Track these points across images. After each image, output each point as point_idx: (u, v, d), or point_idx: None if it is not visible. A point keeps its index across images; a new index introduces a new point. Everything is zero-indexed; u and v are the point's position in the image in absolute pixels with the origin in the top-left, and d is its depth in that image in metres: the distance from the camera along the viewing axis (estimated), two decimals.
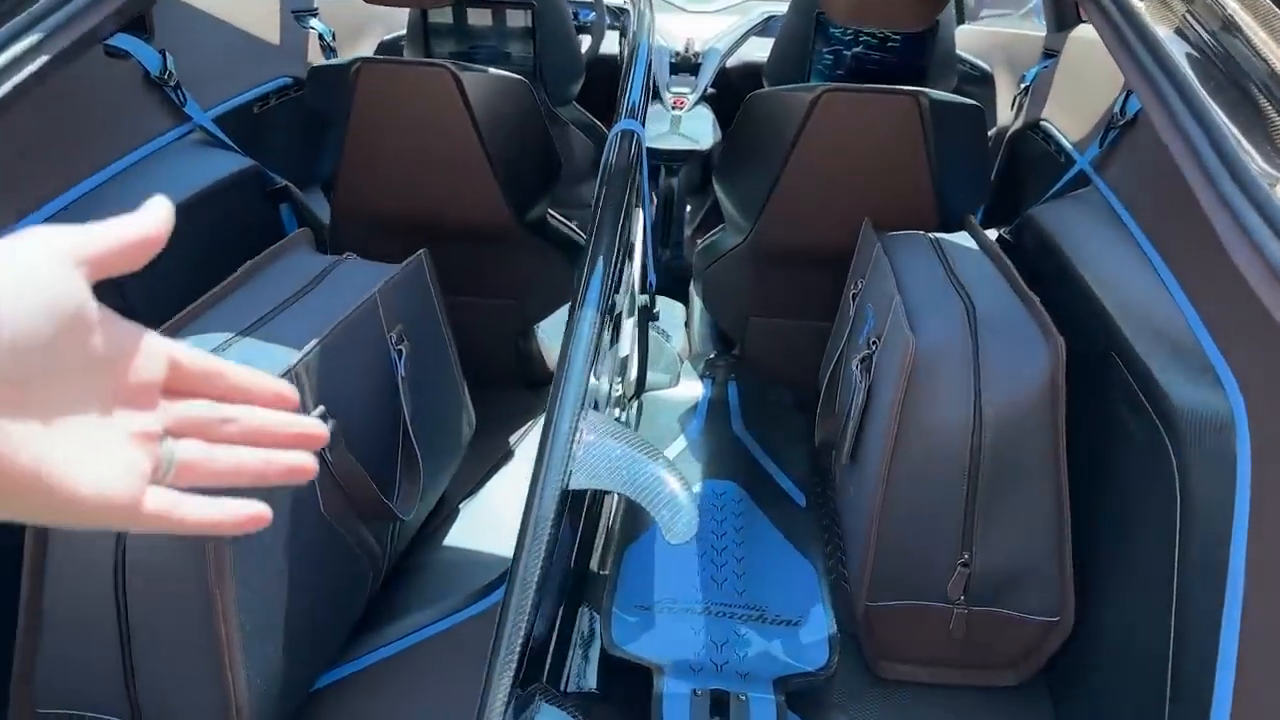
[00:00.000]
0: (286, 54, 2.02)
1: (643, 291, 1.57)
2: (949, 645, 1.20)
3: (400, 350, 1.23)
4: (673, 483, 0.94)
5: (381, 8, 2.39)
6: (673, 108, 2.54)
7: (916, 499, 1.15)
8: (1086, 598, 1.16)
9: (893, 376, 1.15)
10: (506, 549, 0.87)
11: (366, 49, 2.44)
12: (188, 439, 0.39)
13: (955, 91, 1.92)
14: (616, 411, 1.52)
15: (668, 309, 2.24)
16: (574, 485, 0.94)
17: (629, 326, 1.62)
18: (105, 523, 0.35)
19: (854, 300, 1.46)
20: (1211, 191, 0.86)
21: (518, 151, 1.67)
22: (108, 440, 0.35)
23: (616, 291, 1.21)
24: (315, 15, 2.23)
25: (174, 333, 1.07)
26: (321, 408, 1.06)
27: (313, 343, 1.06)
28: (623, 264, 1.30)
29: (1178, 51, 1.02)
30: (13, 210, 1.16)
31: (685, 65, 2.62)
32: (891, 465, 1.14)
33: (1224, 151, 0.88)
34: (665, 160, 2.50)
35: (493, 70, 1.61)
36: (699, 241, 2.02)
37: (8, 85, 1.00)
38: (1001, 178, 2.08)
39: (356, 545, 1.17)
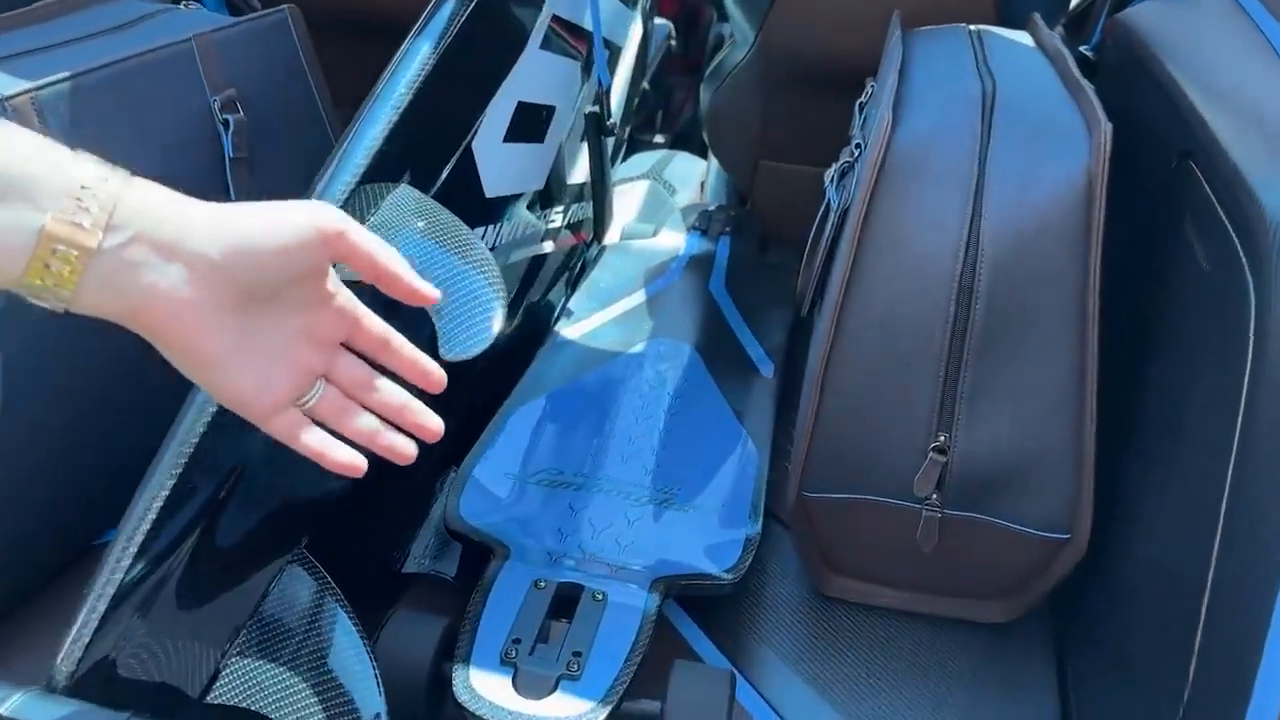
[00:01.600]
0: None
1: (595, 102, 1.25)
2: (915, 561, 0.88)
3: (227, 121, 0.95)
4: (477, 275, 0.65)
5: None
6: None
7: (878, 354, 0.81)
8: (1110, 510, 0.82)
9: (864, 182, 0.81)
10: None
11: None
12: (334, 387, 0.48)
13: None
14: (548, 246, 1.21)
15: (684, 166, 1.91)
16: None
17: (582, 148, 1.31)
18: (242, 411, 0.45)
19: (859, 112, 1.11)
20: None
21: None
22: (280, 360, 0.45)
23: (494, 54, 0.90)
24: None
25: None
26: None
27: (60, 75, 0.79)
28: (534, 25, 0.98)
29: None
30: None
31: None
32: (845, 299, 0.81)
33: None
34: None
35: None
36: (709, 65, 1.66)
37: None
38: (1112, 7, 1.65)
39: (153, 364, 0.91)
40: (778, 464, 1.04)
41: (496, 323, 0.68)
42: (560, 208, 1.25)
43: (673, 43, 2.30)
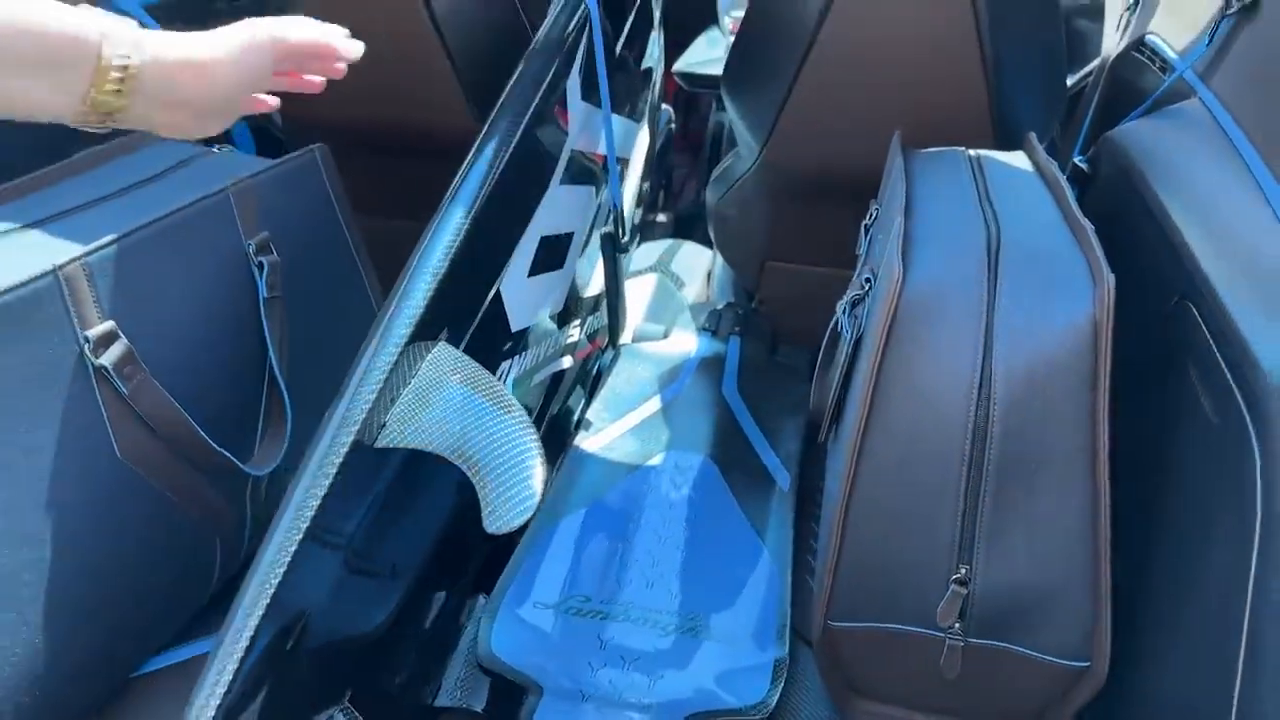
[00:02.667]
0: None
1: (619, 224, 1.30)
2: (938, 687, 0.90)
3: (262, 264, 0.99)
4: (522, 437, 0.68)
5: None
6: (731, 33, 2.24)
7: (898, 489, 0.84)
8: (1127, 639, 0.84)
9: (876, 325, 0.85)
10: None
11: None
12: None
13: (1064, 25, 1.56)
14: (567, 361, 1.25)
15: (691, 256, 1.95)
16: (383, 441, 0.69)
17: (594, 259, 1.35)
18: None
19: (866, 233, 1.15)
20: None
21: (484, 48, 1.41)
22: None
23: (519, 205, 0.94)
24: None
25: None
26: (110, 324, 0.82)
27: (106, 239, 0.83)
28: (555, 166, 1.03)
29: None
30: None
31: None
32: (864, 439, 0.84)
33: None
34: (716, 88, 2.20)
35: None
36: (714, 172, 1.72)
37: None
38: (1100, 115, 1.71)
39: (190, 506, 0.94)
40: (798, 578, 1.07)
41: (538, 482, 0.71)
42: (578, 321, 1.29)
43: (673, 126, 2.37)
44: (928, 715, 0.94)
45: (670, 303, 1.68)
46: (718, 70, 2.09)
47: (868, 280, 0.96)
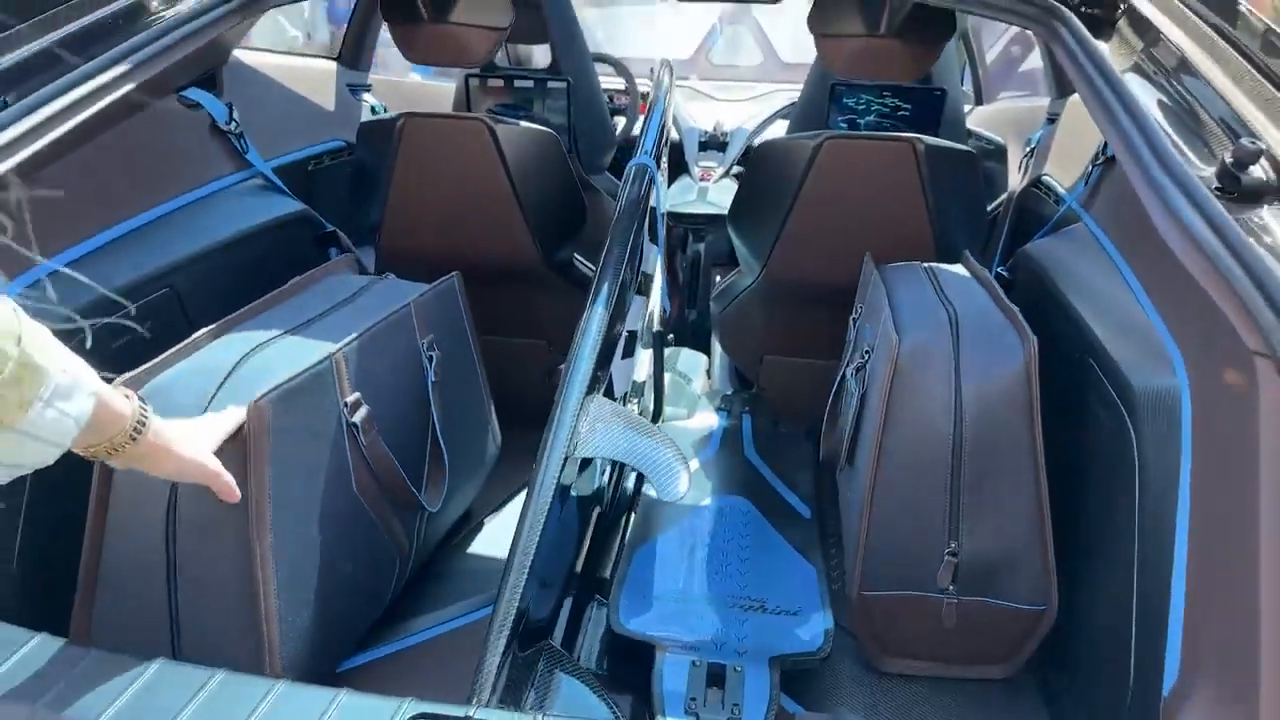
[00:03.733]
0: (340, 121, 2.22)
1: (660, 324, 1.69)
2: (941, 636, 1.26)
3: (431, 357, 1.36)
4: (667, 450, 1.04)
5: (431, 92, 2.61)
6: (700, 180, 2.70)
7: (905, 489, 1.22)
8: (1068, 585, 1.22)
9: (881, 376, 1.25)
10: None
11: None
12: None
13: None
14: None
15: (690, 359, 2.35)
16: (580, 453, 1.05)
17: (646, 354, 1.73)
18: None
19: (854, 324, 1.56)
20: (1162, 209, 0.97)
21: (546, 197, 1.82)
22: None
23: (625, 306, 1.33)
24: (368, 90, 2.45)
25: (226, 330, 1.20)
26: (357, 394, 1.18)
27: (352, 336, 1.19)
28: (634, 282, 1.42)
29: (1140, 94, 1.15)
30: (97, 224, 1.32)
31: (713, 143, 2.81)
32: (880, 456, 1.23)
33: (1161, 155, 0.99)
34: (691, 224, 2.65)
35: (524, 124, 1.78)
36: (716, 282, 2.14)
37: (90, 111, 1.16)
38: (1011, 233, 2.19)
39: (385, 531, 1.27)
40: (828, 576, 1.43)
41: (685, 481, 1.06)
42: (636, 401, 1.66)
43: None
44: (935, 663, 1.29)
45: (684, 393, 2.07)
46: (694, 209, 2.55)
47: (868, 351, 1.36)
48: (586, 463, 1.20)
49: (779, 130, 2.74)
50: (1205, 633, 0.85)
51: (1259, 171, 0.93)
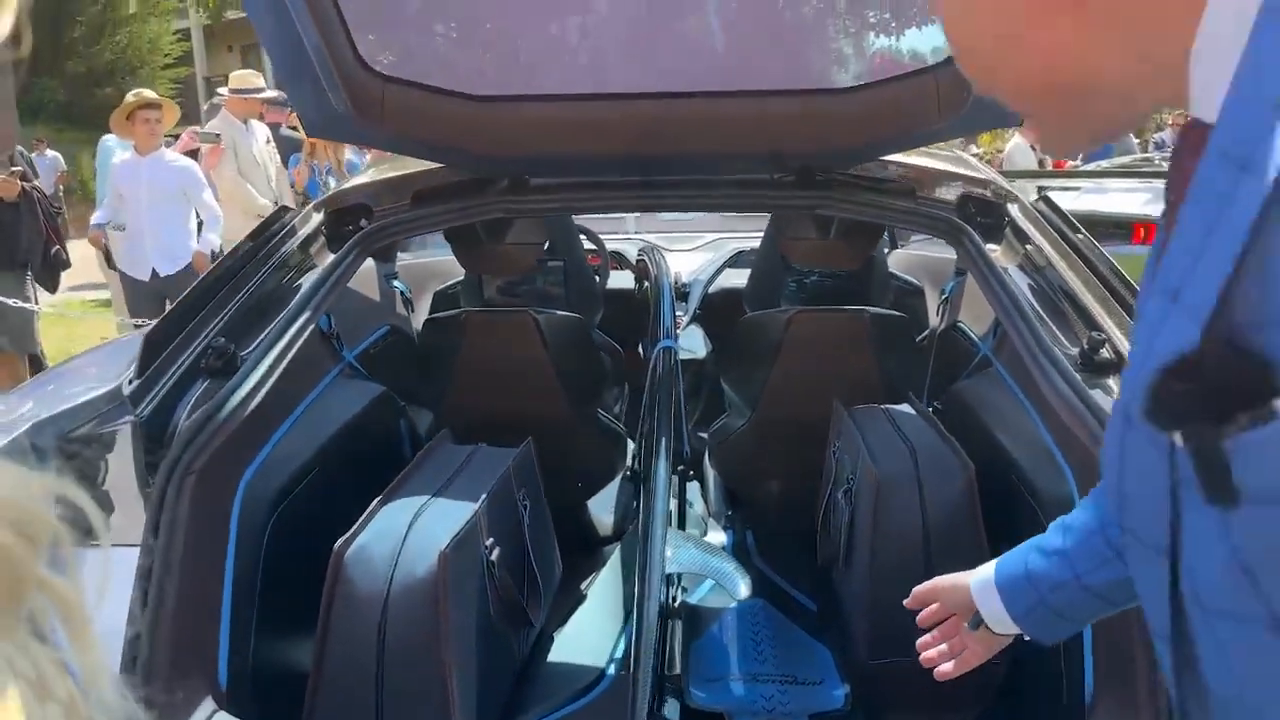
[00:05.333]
0: (383, 309, 2.67)
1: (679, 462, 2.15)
2: (932, 690, 1.69)
3: (525, 505, 1.78)
4: (729, 563, 1.49)
5: (436, 264, 3.06)
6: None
7: (892, 576, 1.68)
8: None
9: (866, 498, 1.72)
10: (589, 660, 1.39)
11: (428, 297, 3.11)
12: None
13: (895, 303, 2.59)
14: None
15: (692, 487, 2.80)
16: (670, 569, 1.49)
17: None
18: None
19: (834, 455, 2.04)
20: (1044, 378, 1.47)
21: (577, 367, 2.29)
22: None
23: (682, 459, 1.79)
24: (397, 277, 2.91)
25: (389, 499, 1.62)
26: (492, 539, 1.59)
27: (484, 498, 1.61)
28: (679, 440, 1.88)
29: (1022, 286, 1.67)
30: (279, 422, 1.71)
31: (677, 294, 3.32)
32: (872, 557, 1.68)
33: (1039, 341, 1.51)
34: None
35: (559, 313, 2.25)
36: (713, 425, 2.60)
37: (273, 355, 1.58)
38: (936, 371, 2.72)
39: (509, 644, 1.67)
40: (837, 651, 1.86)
41: (745, 586, 1.50)
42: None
43: None
44: (930, 712, 1.72)
45: (691, 514, 2.51)
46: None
47: (850, 478, 1.83)
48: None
49: (730, 278, 3.25)
50: (1109, 655, 1.31)
51: (1106, 353, 1.44)
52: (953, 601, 1.10)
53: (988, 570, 1.03)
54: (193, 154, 5.60)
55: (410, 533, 1.50)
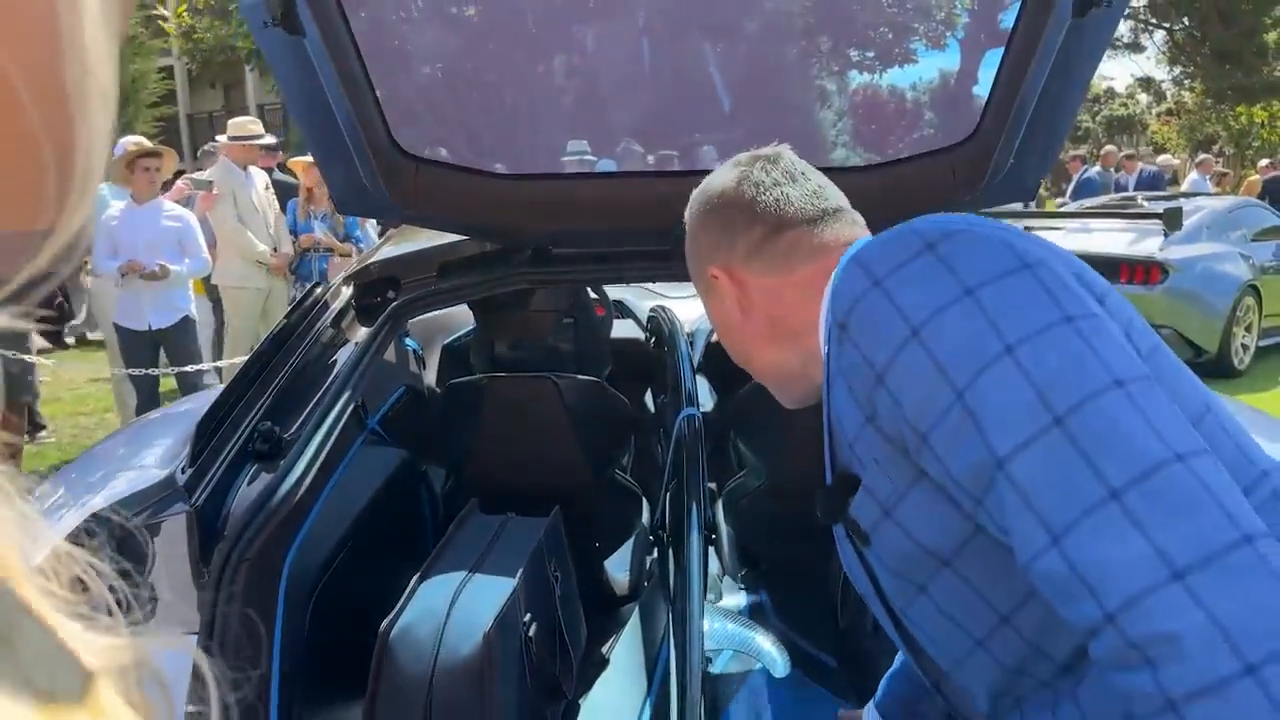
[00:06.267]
0: (398, 369, 2.70)
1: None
2: None
3: (556, 576, 1.82)
4: (767, 643, 1.53)
5: (441, 318, 3.09)
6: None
7: None
8: None
9: None
10: None
11: (436, 350, 3.15)
12: None
13: None
14: None
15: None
16: (709, 646, 1.52)
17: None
18: None
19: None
20: None
21: (596, 430, 2.33)
22: None
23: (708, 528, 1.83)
24: (408, 335, 2.94)
25: (427, 575, 1.65)
26: (529, 614, 1.63)
27: (520, 573, 1.65)
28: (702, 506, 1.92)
29: None
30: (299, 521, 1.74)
31: None
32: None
33: None
34: None
35: (579, 377, 2.30)
36: (727, 484, 2.65)
37: (318, 438, 1.61)
38: None
39: (544, 714, 1.70)
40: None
41: (783, 666, 1.53)
42: None
43: None
44: None
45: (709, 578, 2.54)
46: None
47: None
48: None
49: None
50: None
51: None
52: None
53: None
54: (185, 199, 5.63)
55: (452, 611, 1.53)
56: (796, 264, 1.04)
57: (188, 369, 5.03)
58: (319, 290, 1.99)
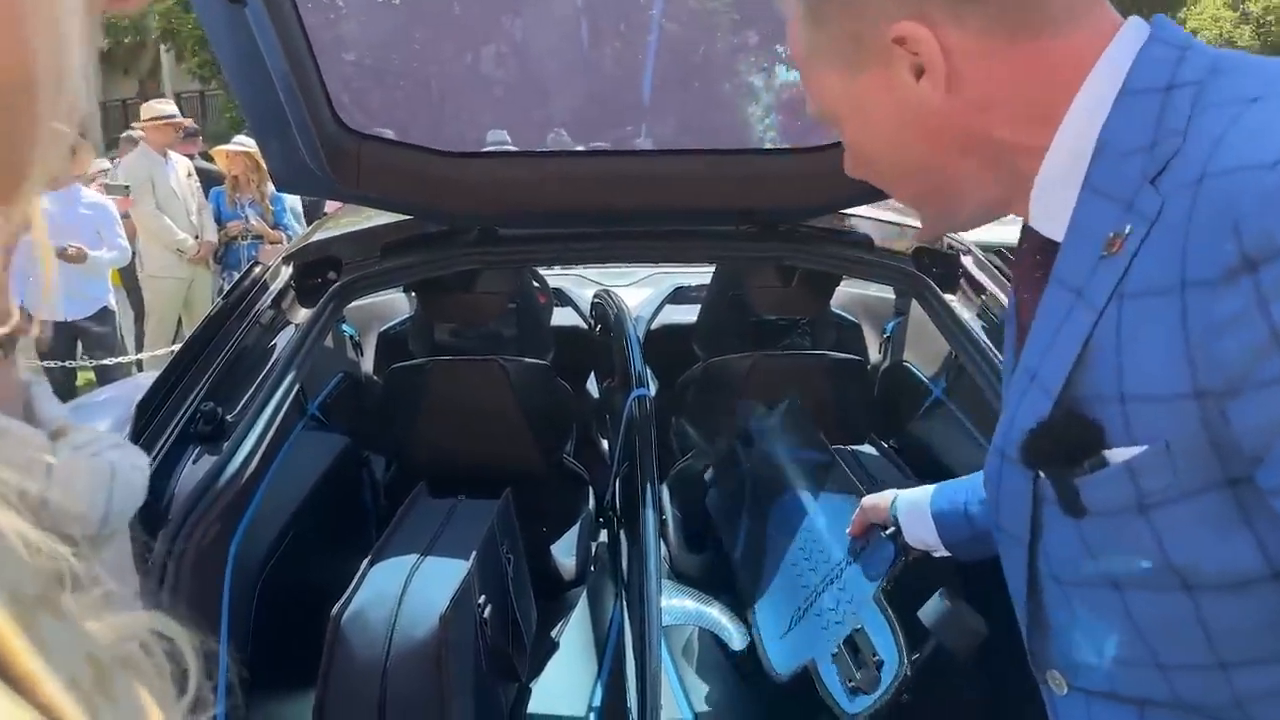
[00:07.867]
0: (336, 355, 2.64)
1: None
2: None
3: (509, 559, 1.79)
4: (725, 618, 1.53)
5: (378, 305, 3.03)
6: None
7: None
8: None
9: None
10: (571, 711, 1.43)
11: (373, 338, 3.08)
12: None
13: (836, 341, 2.69)
14: None
15: None
16: (668, 622, 1.52)
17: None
18: None
19: None
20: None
21: (544, 413, 2.31)
22: None
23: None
24: (345, 320, 2.87)
25: (379, 557, 1.61)
26: (484, 595, 1.60)
27: (474, 555, 1.62)
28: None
29: (975, 325, 1.77)
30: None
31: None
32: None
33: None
34: None
35: (526, 360, 2.27)
36: (674, 467, 2.65)
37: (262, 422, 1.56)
38: (881, 399, 2.82)
39: (498, 701, 1.67)
40: None
41: (739, 639, 1.54)
42: None
43: None
44: None
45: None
46: None
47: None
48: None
49: (672, 313, 3.26)
50: None
51: None
52: (871, 516, 1.36)
53: (917, 496, 1.27)
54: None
55: (406, 594, 1.50)
56: (1059, 19, 0.66)
57: (106, 362, 4.85)
58: (257, 270, 1.93)
